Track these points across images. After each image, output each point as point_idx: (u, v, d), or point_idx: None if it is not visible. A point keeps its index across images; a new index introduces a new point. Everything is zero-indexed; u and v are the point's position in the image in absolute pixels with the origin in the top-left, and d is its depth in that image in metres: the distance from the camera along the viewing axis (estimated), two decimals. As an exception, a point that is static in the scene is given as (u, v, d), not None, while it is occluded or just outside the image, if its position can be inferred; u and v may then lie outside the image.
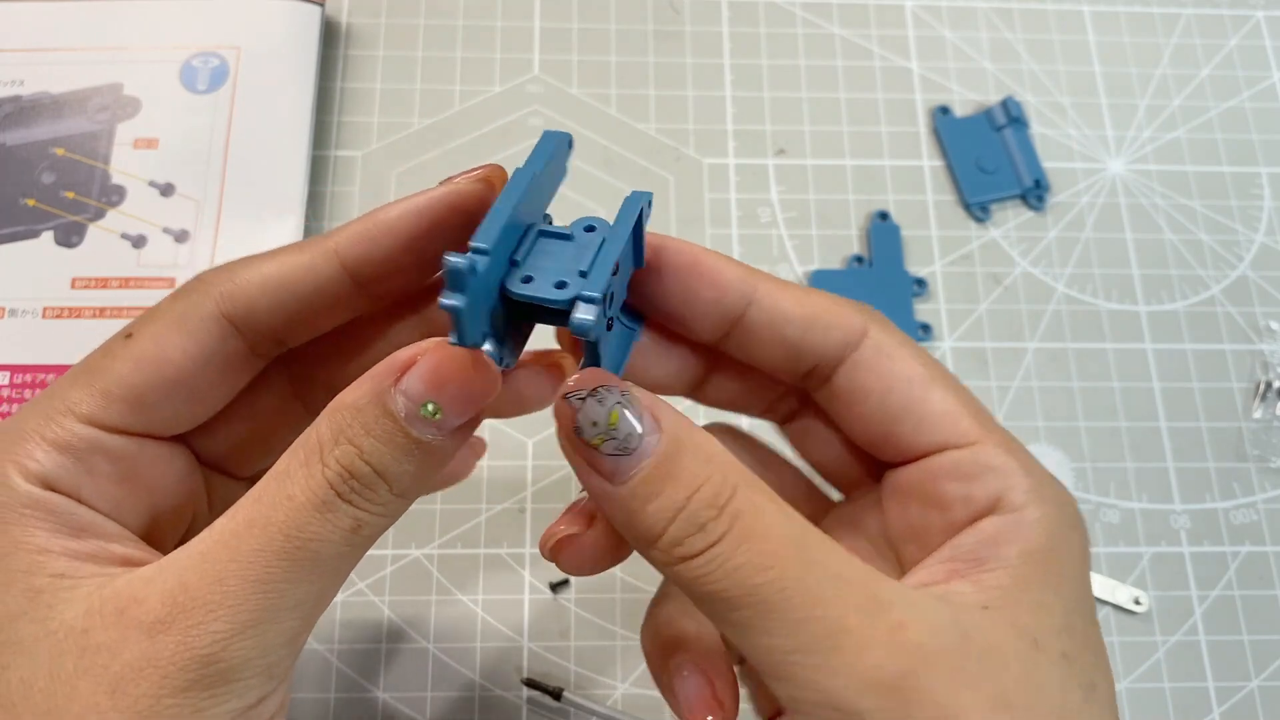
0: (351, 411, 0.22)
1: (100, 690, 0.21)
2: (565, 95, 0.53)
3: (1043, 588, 0.24)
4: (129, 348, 0.25)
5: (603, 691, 0.42)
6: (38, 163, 0.49)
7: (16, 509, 0.23)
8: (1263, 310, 0.50)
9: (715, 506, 0.22)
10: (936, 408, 0.26)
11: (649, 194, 0.25)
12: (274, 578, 0.22)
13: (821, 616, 0.22)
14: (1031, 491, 0.25)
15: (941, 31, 0.55)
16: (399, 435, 0.22)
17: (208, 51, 0.51)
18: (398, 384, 0.22)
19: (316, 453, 0.22)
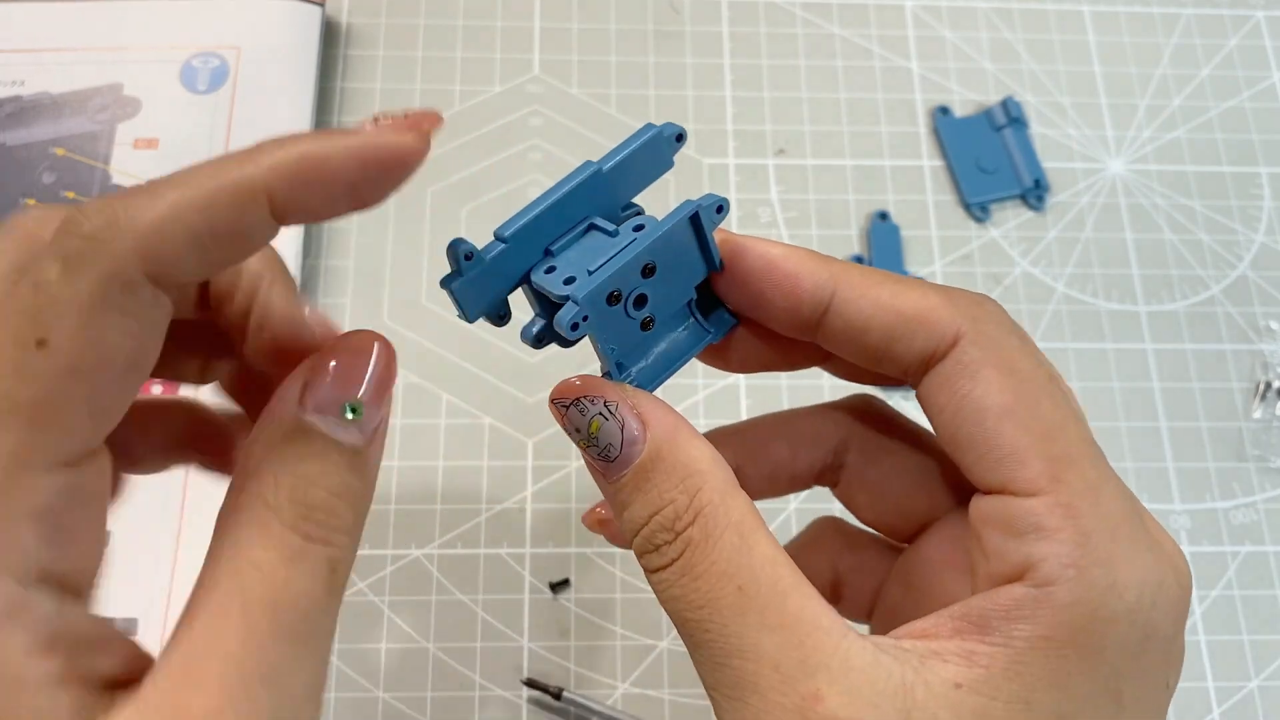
0: (273, 448, 0.21)
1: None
2: (565, 95, 0.52)
3: (1040, 685, 0.21)
4: (53, 360, 0.18)
5: (603, 691, 0.42)
6: (38, 163, 0.48)
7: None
8: (1263, 310, 0.50)
9: (671, 530, 0.22)
10: (1004, 446, 0.22)
11: (717, 198, 0.25)
12: (276, 668, 0.19)
13: (737, 669, 0.21)
14: (1075, 568, 0.21)
15: (941, 31, 0.55)
16: (332, 450, 0.21)
17: (208, 52, 0.51)
18: (304, 403, 0.21)
19: (259, 500, 0.20)
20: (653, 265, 0.24)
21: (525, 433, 0.46)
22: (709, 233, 0.25)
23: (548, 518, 0.44)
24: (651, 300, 0.25)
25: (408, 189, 0.22)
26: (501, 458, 0.45)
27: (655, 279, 0.24)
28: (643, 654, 0.43)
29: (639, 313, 0.25)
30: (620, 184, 0.25)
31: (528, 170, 0.51)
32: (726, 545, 0.22)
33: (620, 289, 0.24)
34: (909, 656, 0.21)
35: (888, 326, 0.24)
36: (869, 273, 0.25)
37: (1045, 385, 0.23)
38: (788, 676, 0.21)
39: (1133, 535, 0.22)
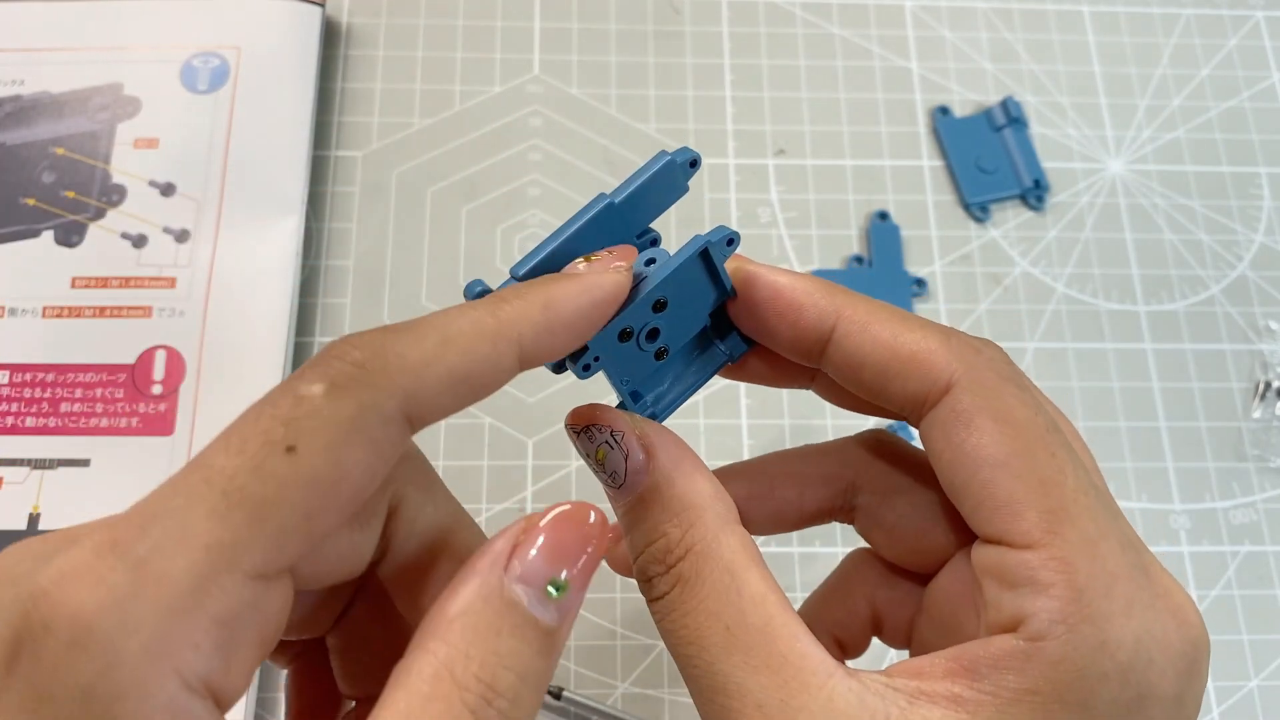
0: (471, 622, 0.19)
1: None
2: (565, 95, 0.52)
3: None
4: (296, 467, 0.18)
5: (603, 691, 0.42)
6: (38, 162, 0.48)
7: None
8: (1262, 310, 0.50)
9: (664, 564, 0.23)
10: (999, 497, 0.22)
11: (727, 231, 0.25)
12: None
13: (723, 705, 0.22)
14: (1065, 624, 0.20)
15: (941, 32, 0.55)
16: (531, 628, 0.19)
17: (208, 51, 0.50)
18: (508, 572, 0.20)
19: (447, 671, 0.19)
20: (664, 301, 0.24)
21: (525, 433, 0.46)
22: (720, 265, 0.25)
23: (548, 518, 0.44)
24: (664, 332, 0.25)
25: (408, 189, 0.22)
26: (501, 458, 0.45)
27: (667, 312, 0.25)
28: (643, 654, 0.42)
29: (651, 345, 0.25)
30: (634, 214, 0.25)
31: (528, 170, 0.51)
32: (716, 583, 0.22)
33: (632, 326, 0.24)
34: (897, 697, 0.21)
35: (883, 364, 0.24)
36: (873, 308, 0.25)
37: (1043, 435, 0.22)
38: (769, 717, 0.21)
39: (1131, 591, 0.21)
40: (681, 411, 0.46)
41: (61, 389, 0.45)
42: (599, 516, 0.21)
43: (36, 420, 0.44)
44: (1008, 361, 0.24)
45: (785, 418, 0.47)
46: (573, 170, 0.51)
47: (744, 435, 0.46)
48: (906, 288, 0.49)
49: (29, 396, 0.44)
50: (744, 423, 0.47)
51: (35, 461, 0.43)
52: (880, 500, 0.27)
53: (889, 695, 0.21)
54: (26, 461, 0.43)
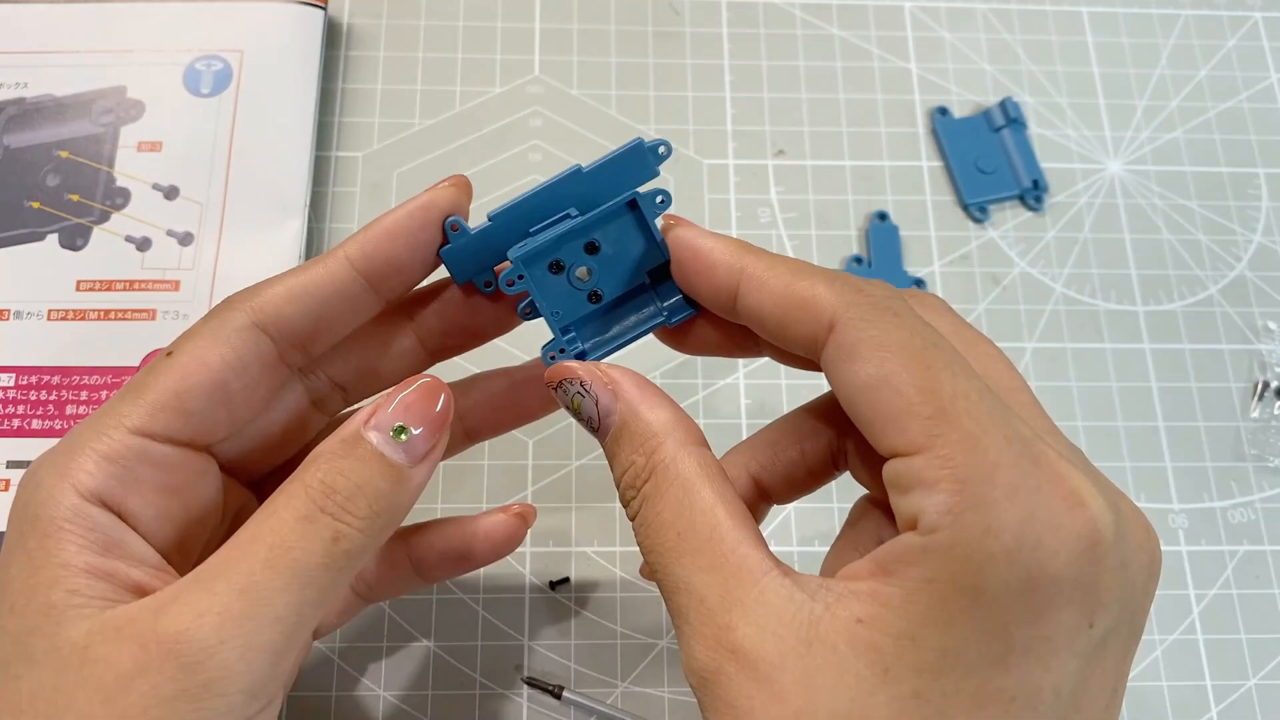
0: (331, 449, 0.26)
1: (94, 700, 0.23)
2: (566, 96, 0.52)
3: (926, 623, 0.22)
4: (170, 362, 0.27)
5: (603, 690, 0.42)
6: (42, 165, 0.48)
7: (59, 522, 0.25)
8: (1260, 310, 0.50)
9: (634, 487, 0.26)
10: (885, 414, 0.23)
11: (660, 190, 0.28)
12: (257, 587, 0.23)
13: (678, 603, 0.25)
14: (951, 514, 0.22)
15: (940, 33, 0.55)
16: (374, 457, 0.26)
17: (211, 54, 0.50)
18: (366, 424, 0.26)
19: (301, 477, 0.25)
20: (595, 243, 0.28)
21: (525, 432, 0.46)
22: (650, 220, 0.28)
23: (548, 517, 0.44)
24: (598, 275, 0.29)
25: (409, 189, 0.22)
26: (501, 458, 0.45)
27: (601, 257, 0.28)
28: (643, 653, 0.42)
29: (584, 285, 0.29)
30: (602, 185, 0.28)
31: (528, 171, 0.50)
32: (671, 498, 0.25)
33: (562, 260, 0.28)
34: (826, 595, 0.23)
35: (780, 313, 0.26)
36: (773, 261, 0.27)
37: (919, 351, 0.24)
38: (710, 610, 0.24)
39: (1015, 478, 0.22)
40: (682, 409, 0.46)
41: (67, 391, 0.45)
42: (446, 391, 0.27)
43: (43, 423, 0.44)
44: (894, 296, 0.26)
45: (784, 418, 0.47)
46: (573, 171, 0.50)
47: (744, 435, 0.46)
48: (906, 288, 0.49)
49: (35, 399, 0.44)
50: (743, 422, 0.47)
51: (42, 463, 0.43)
52: (859, 441, 0.28)
53: (819, 593, 0.23)
54: (33, 463, 0.43)
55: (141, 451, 0.26)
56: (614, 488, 0.44)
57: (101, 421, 0.26)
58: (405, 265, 0.28)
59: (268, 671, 0.24)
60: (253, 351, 0.27)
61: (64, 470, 0.25)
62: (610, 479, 0.28)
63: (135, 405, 0.26)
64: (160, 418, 0.26)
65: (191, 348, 0.27)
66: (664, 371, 0.47)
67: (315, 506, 0.25)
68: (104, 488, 0.25)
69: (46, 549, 0.24)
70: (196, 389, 0.26)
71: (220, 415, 0.27)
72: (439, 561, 0.35)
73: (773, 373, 0.47)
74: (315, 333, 0.28)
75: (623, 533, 0.44)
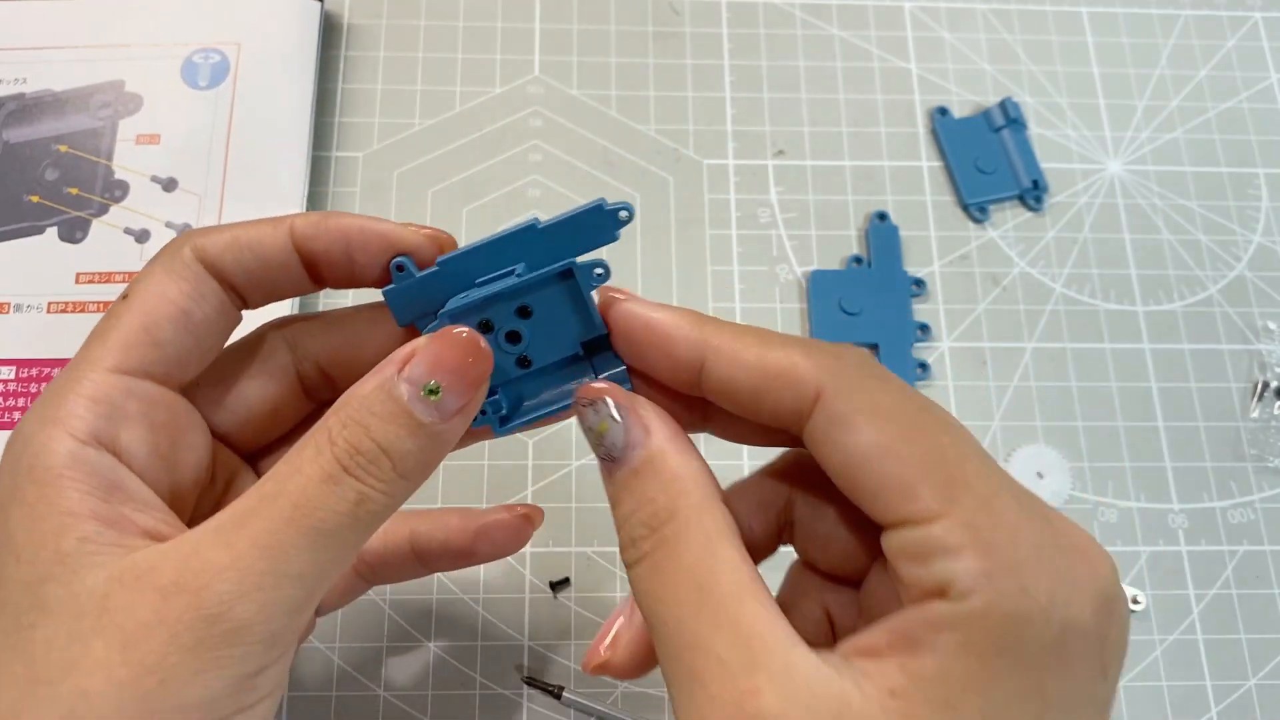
0: (359, 399, 0.25)
1: (112, 647, 0.22)
2: (565, 96, 0.52)
3: (965, 688, 0.21)
4: (130, 304, 0.26)
5: (603, 690, 0.41)
6: (41, 159, 0.48)
7: (56, 470, 0.24)
8: (1260, 310, 0.50)
9: (649, 528, 0.24)
10: (892, 483, 0.23)
11: (598, 261, 0.27)
12: (279, 544, 0.23)
13: (689, 661, 0.23)
14: (985, 576, 0.21)
15: (940, 33, 0.55)
16: (402, 415, 0.24)
17: (209, 48, 0.50)
18: (401, 372, 0.25)
19: (325, 434, 0.24)
20: (527, 308, 0.27)
21: (525, 432, 0.45)
22: (586, 292, 0.27)
23: (548, 517, 0.44)
24: (529, 341, 0.27)
25: (409, 190, 0.22)
26: (502, 457, 0.45)
27: (533, 321, 0.27)
28: (643, 653, 0.42)
29: (512, 348, 0.27)
30: (557, 243, 0.27)
31: (528, 171, 0.50)
32: (695, 546, 0.24)
33: (492, 320, 0.27)
34: (851, 669, 0.22)
35: (754, 386, 0.25)
36: (739, 332, 0.25)
37: (915, 416, 0.23)
38: (731, 672, 0.22)
39: (1037, 539, 0.22)
40: (681, 411, 0.46)
41: (66, 386, 0.44)
42: (484, 347, 0.25)
43: (40, 418, 0.44)
44: (868, 359, 0.25)
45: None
46: (573, 171, 0.50)
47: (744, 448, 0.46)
48: (905, 288, 0.49)
49: (35, 392, 0.44)
50: (744, 422, 0.46)
51: (40, 458, 0.43)
52: (812, 514, 0.28)
53: (844, 668, 0.22)
54: (32, 458, 0.43)
55: (125, 388, 0.26)
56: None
57: (77, 370, 0.26)
58: (334, 265, 0.28)
59: (285, 624, 0.24)
60: (206, 284, 0.27)
61: (52, 418, 0.25)
62: None
63: (105, 347, 0.26)
64: (134, 353, 0.26)
65: (147, 285, 0.27)
66: (664, 370, 0.47)
67: (340, 467, 0.24)
68: (96, 428, 0.25)
69: (48, 498, 0.24)
70: (162, 320, 0.26)
71: (188, 344, 0.27)
72: (441, 553, 0.34)
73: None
74: (250, 285, 0.28)
75: (623, 532, 0.44)
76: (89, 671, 0.22)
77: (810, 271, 0.49)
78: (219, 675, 0.23)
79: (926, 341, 0.48)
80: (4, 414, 0.44)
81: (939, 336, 0.48)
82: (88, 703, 0.22)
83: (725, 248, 0.49)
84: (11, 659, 0.23)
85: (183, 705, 0.22)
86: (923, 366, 0.47)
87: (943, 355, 0.48)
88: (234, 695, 0.23)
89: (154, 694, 0.22)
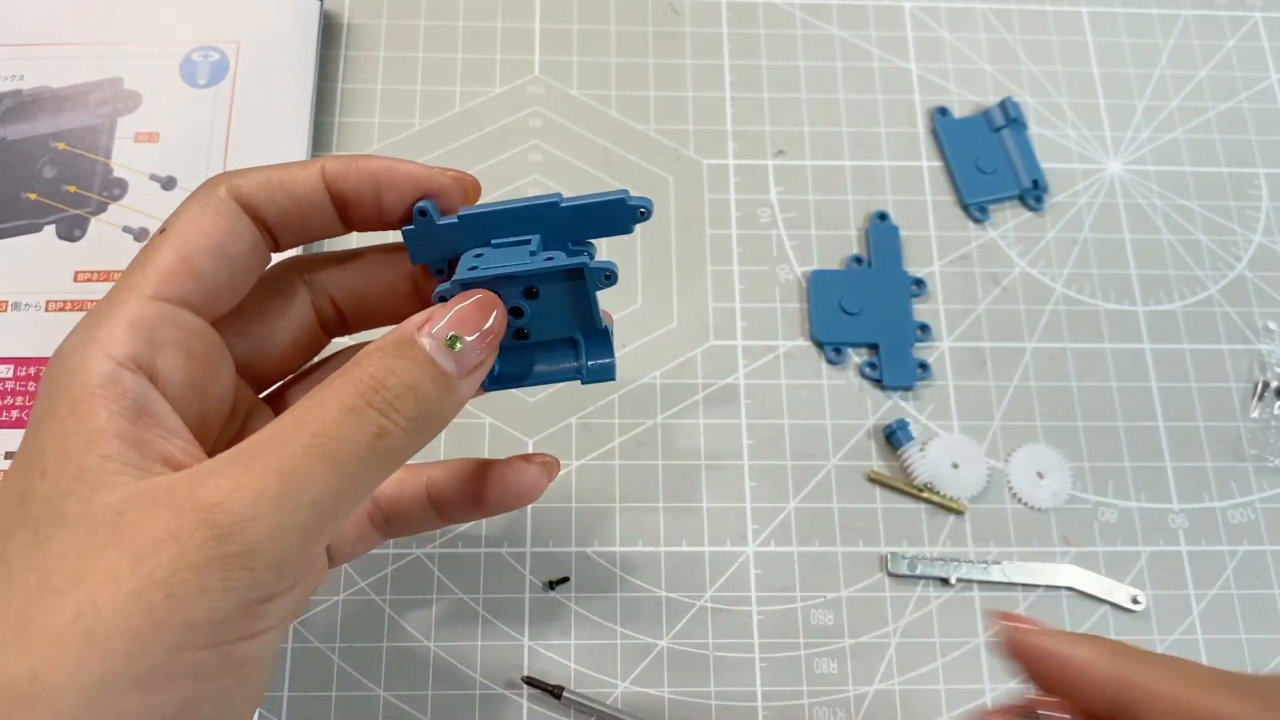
0: (382, 346, 0.26)
1: (123, 559, 0.22)
2: (566, 96, 0.51)
3: None
4: (168, 236, 0.27)
5: (603, 689, 0.41)
6: (39, 157, 0.48)
7: (90, 388, 0.25)
8: (1260, 310, 0.49)
9: None
10: None
11: (609, 266, 0.28)
12: (296, 469, 0.24)
13: None
14: None
15: (940, 33, 0.54)
16: (425, 360, 0.25)
17: (208, 45, 0.50)
18: (422, 329, 0.26)
19: (350, 372, 0.25)
20: (535, 290, 0.28)
21: (525, 432, 0.45)
22: (592, 292, 0.28)
23: (548, 517, 0.44)
24: (531, 317, 0.28)
25: None
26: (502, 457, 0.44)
27: (537, 304, 0.28)
28: (643, 652, 0.42)
29: (514, 321, 0.28)
30: (574, 224, 0.28)
31: (528, 171, 0.50)
32: None
33: (499, 293, 0.27)
34: None
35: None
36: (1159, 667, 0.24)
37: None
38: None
39: None
40: (682, 411, 0.45)
41: (64, 385, 0.44)
42: (501, 307, 0.27)
43: (39, 416, 0.43)
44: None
45: (785, 418, 0.46)
46: (573, 171, 0.50)
47: (744, 435, 0.46)
48: (906, 288, 0.48)
49: (33, 390, 0.44)
50: (744, 423, 0.46)
51: (39, 457, 0.43)
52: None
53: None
54: (29, 457, 0.43)
55: (163, 315, 0.26)
56: (613, 486, 0.43)
57: (118, 295, 0.26)
58: (364, 205, 0.29)
59: (295, 553, 0.24)
60: (241, 220, 0.28)
61: (93, 339, 0.25)
62: (608, 479, 0.27)
63: (146, 275, 0.26)
64: (173, 282, 0.27)
65: (184, 219, 0.27)
66: (664, 372, 0.46)
67: (363, 399, 0.25)
68: (135, 351, 0.25)
69: (79, 414, 0.24)
70: (200, 252, 0.27)
71: (223, 277, 0.28)
72: (457, 499, 0.34)
73: (773, 373, 0.47)
74: (283, 224, 0.29)
75: (623, 533, 0.43)
76: (98, 582, 0.22)
77: (810, 271, 0.49)
78: (225, 596, 0.23)
79: (926, 341, 0.48)
80: (2, 413, 0.43)
81: (939, 336, 0.48)
82: (95, 610, 0.22)
83: (725, 247, 0.49)
84: (26, 569, 0.23)
85: (188, 622, 0.22)
86: (923, 366, 0.47)
87: (943, 355, 0.48)
88: (239, 621, 0.23)
89: (160, 608, 0.22)
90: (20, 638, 0.22)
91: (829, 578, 0.43)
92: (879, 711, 0.41)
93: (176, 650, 0.22)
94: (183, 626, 0.22)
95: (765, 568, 0.43)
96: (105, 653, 0.22)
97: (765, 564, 0.43)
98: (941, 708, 0.42)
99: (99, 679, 0.22)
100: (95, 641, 0.22)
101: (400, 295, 0.32)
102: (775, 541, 0.44)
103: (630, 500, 0.44)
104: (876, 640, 0.43)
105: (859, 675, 0.42)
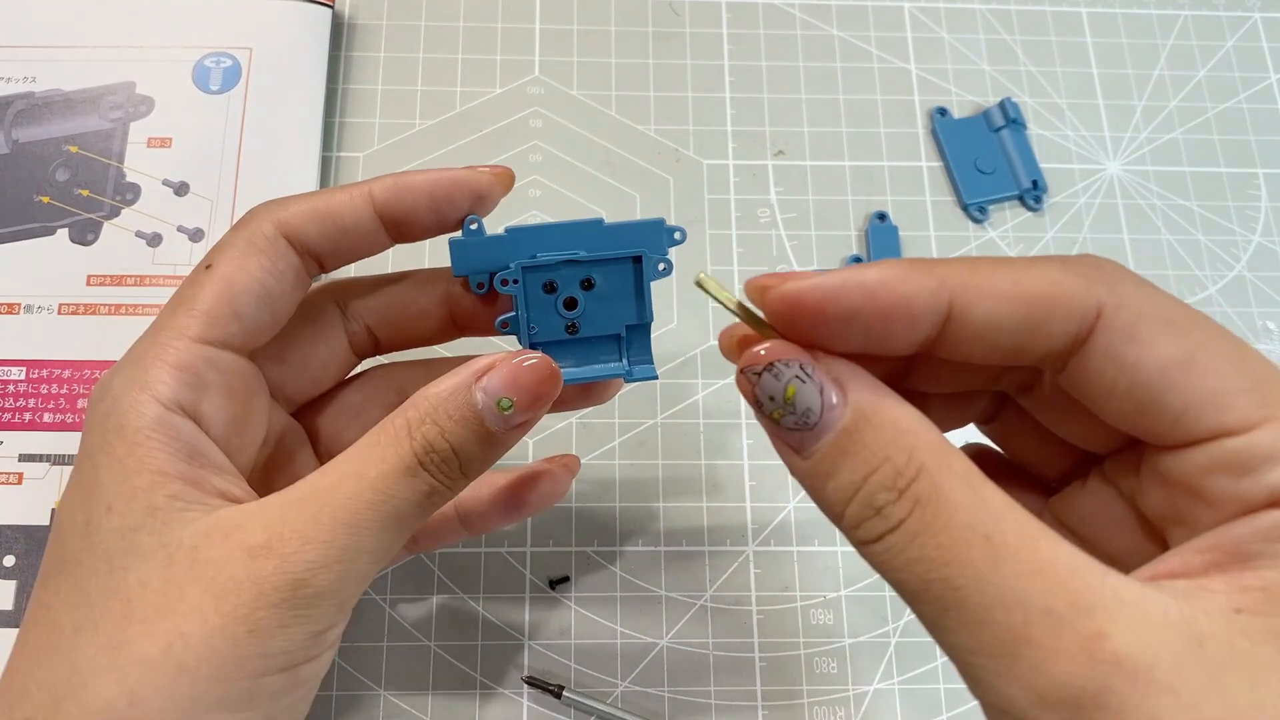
0: (437, 399, 0.25)
1: (206, 595, 0.23)
2: (566, 97, 0.49)
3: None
4: (213, 274, 0.27)
5: (603, 689, 0.39)
6: (51, 159, 0.46)
7: (146, 431, 0.25)
8: (1259, 311, 0.47)
9: (894, 489, 0.20)
10: (1201, 392, 0.20)
11: (661, 257, 0.29)
12: (360, 523, 0.24)
13: (1002, 621, 0.19)
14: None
15: (940, 33, 0.52)
16: (475, 423, 0.25)
17: (220, 51, 0.47)
18: (478, 382, 0.25)
19: (405, 429, 0.25)
20: (592, 280, 0.29)
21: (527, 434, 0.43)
22: (647, 280, 0.29)
23: (548, 517, 0.41)
24: (584, 309, 0.29)
25: None
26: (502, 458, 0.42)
27: (592, 295, 0.29)
28: (643, 652, 0.40)
29: (567, 314, 0.29)
30: (615, 242, 0.29)
31: (528, 171, 0.47)
32: (960, 497, 0.20)
33: (556, 283, 0.28)
34: (1174, 590, 0.19)
35: (1020, 319, 0.21)
36: (978, 266, 0.21)
37: (1203, 323, 0.21)
38: (1063, 620, 0.18)
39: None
40: (682, 411, 0.43)
41: (78, 385, 0.42)
42: (556, 375, 0.26)
43: (54, 416, 0.42)
44: (1126, 268, 0.22)
45: (784, 417, 0.44)
46: (573, 171, 0.47)
47: (744, 435, 0.43)
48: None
49: (46, 393, 0.42)
50: (744, 423, 0.44)
51: (55, 457, 0.41)
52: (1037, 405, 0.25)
53: (1167, 589, 0.19)
54: (46, 457, 0.41)
55: (207, 358, 0.26)
56: (612, 487, 0.41)
57: (162, 335, 0.26)
58: (418, 223, 0.29)
59: (354, 591, 0.25)
60: (285, 259, 0.28)
61: (141, 382, 0.25)
62: (608, 479, 0.26)
63: (190, 316, 0.26)
64: (217, 325, 0.26)
65: (230, 257, 0.27)
66: (664, 371, 0.44)
67: (417, 462, 0.25)
68: (181, 396, 0.26)
69: (138, 456, 0.25)
70: (245, 295, 0.27)
71: (265, 318, 0.28)
72: (488, 513, 0.34)
73: (772, 372, 0.44)
74: (332, 253, 0.29)
75: (623, 532, 0.41)
76: (185, 615, 0.23)
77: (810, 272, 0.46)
78: (298, 630, 0.24)
79: (925, 341, 0.45)
80: (15, 415, 0.42)
81: (937, 336, 0.46)
82: (184, 642, 0.23)
83: (725, 248, 0.47)
84: (107, 596, 0.24)
85: (265, 653, 0.24)
86: (921, 366, 0.45)
87: (941, 355, 0.45)
88: (306, 647, 0.25)
89: (243, 641, 0.23)
90: (115, 664, 0.23)
91: (829, 578, 0.41)
92: (879, 711, 0.39)
93: (256, 676, 0.24)
94: (261, 656, 0.24)
95: (765, 568, 0.41)
96: (195, 678, 0.23)
97: (765, 564, 0.41)
98: (941, 708, 0.40)
99: (191, 701, 0.23)
100: (186, 669, 0.23)
101: (433, 320, 0.31)
102: (775, 541, 0.42)
103: (630, 500, 0.42)
104: (876, 640, 0.40)
105: (859, 675, 0.40)
